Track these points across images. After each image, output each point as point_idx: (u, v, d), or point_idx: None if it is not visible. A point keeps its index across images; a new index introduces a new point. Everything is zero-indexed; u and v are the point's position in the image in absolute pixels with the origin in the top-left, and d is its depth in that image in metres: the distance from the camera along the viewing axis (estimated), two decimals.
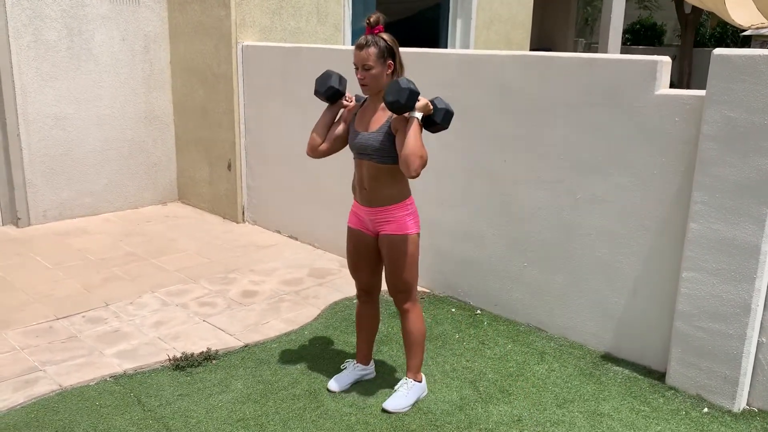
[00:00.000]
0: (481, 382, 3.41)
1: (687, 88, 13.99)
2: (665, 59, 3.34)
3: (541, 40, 12.05)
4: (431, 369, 3.49)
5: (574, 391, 3.34)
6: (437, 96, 2.99)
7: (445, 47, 7.87)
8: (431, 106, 2.88)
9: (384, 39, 2.89)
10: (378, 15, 2.91)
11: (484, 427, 3.02)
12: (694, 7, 15.85)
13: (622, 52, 12.84)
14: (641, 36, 21.01)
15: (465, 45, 7.84)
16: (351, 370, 3.38)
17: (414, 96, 2.76)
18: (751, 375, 3.21)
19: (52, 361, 3.52)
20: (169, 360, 3.54)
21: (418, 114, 2.82)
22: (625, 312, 3.62)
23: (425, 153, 2.81)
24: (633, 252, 3.54)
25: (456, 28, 7.80)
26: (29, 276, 4.69)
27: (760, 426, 3.08)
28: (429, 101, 2.88)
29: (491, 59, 4.00)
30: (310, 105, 5.26)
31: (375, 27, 2.90)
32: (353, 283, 4.64)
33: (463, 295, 4.39)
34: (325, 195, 5.27)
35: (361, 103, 3.12)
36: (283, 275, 4.83)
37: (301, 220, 5.56)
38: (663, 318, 3.47)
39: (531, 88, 3.82)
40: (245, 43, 5.69)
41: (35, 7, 5.56)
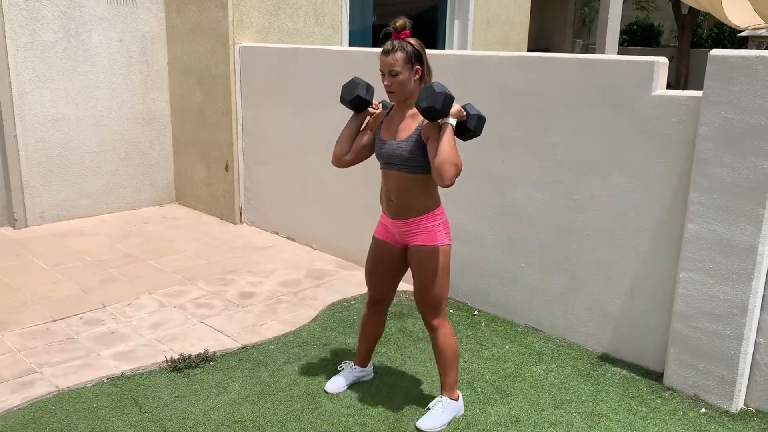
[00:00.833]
0: (479, 382, 3.41)
1: (684, 88, 14.02)
2: (662, 60, 3.34)
3: (539, 40, 12.06)
4: (429, 370, 3.49)
5: (571, 392, 3.34)
6: (468, 102, 2.89)
7: (443, 48, 7.87)
8: (464, 112, 2.77)
9: (411, 44, 2.78)
10: (404, 20, 2.80)
11: (481, 428, 3.02)
12: (691, 8, 15.88)
13: (619, 53, 12.86)
14: (638, 37, 21.04)
15: (462, 46, 7.85)
16: (348, 371, 3.36)
17: (450, 101, 2.65)
18: (749, 375, 3.22)
19: (49, 363, 3.51)
20: (167, 361, 3.53)
21: (452, 120, 2.71)
22: (623, 313, 3.62)
23: (460, 161, 2.69)
24: (630, 253, 3.54)
25: (453, 29, 7.80)
26: (26, 277, 4.68)
27: (757, 426, 3.09)
28: (461, 107, 2.77)
29: (489, 60, 4.00)
30: (307, 106, 5.27)
31: (401, 32, 2.79)
32: (351, 285, 4.67)
33: (461, 296, 4.39)
34: (323, 196, 5.27)
35: (388, 111, 3.01)
36: (281, 276, 4.83)
37: (299, 221, 5.55)
38: (660, 318, 3.47)
39: (529, 89, 3.82)
40: (243, 44, 5.69)
41: (32, 8, 5.55)
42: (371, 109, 3.02)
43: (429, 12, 7.89)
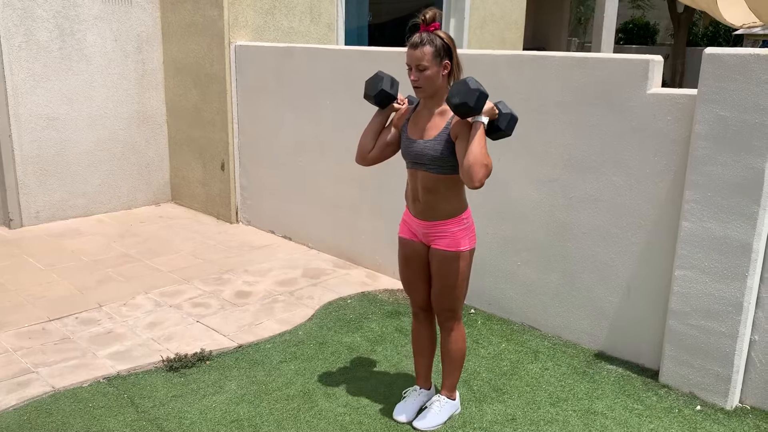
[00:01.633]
0: (475, 381, 3.41)
1: (680, 87, 14.04)
2: (657, 58, 3.35)
3: (535, 39, 12.07)
4: None
5: (567, 390, 3.35)
6: (500, 99, 2.78)
7: None
8: (496, 110, 2.63)
9: (440, 37, 2.62)
10: (435, 11, 2.62)
11: (478, 426, 3.03)
12: (686, 7, 15.90)
13: (615, 51, 12.88)
14: (634, 35, 21.08)
15: (458, 45, 7.83)
16: (416, 396, 3.11)
17: (483, 98, 2.52)
18: (744, 372, 3.23)
19: (45, 363, 3.51)
20: (163, 361, 3.53)
21: (484, 119, 2.58)
22: (619, 310, 3.63)
23: (490, 162, 2.55)
24: (626, 251, 3.55)
25: (449, 27, 7.80)
26: (22, 277, 4.67)
27: (752, 423, 3.10)
28: (494, 104, 2.64)
29: (484, 59, 4.01)
30: (303, 105, 5.26)
31: (431, 24, 2.63)
32: (347, 284, 4.67)
33: None
34: (320, 195, 5.27)
35: (414, 106, 2.86)
36: (277, 276, 4.82)
37: (295, 220, 5.55)
38: (656, 316, 3.48)
39: (524, 87, 3.82)
40: (238, 43, 5.68)
41: (26, 7, 5.53)
42: (396, 104, 2.88)
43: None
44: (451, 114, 2.68)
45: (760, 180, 2.96)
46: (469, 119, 2.61)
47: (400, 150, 2.88)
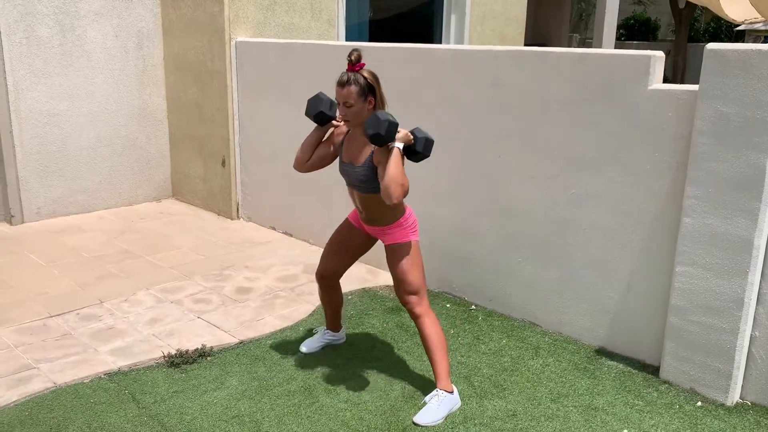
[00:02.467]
0: (476, 377, 3.42)
1: (681, 83, 14.01)
2: (658, 54, 3.34)
3: (536, 35, 12.05)
4: (426, 365, 3.49)
5: (568, 386, 3.35)
6: (417, 126, 3.07)
7: (440, 43, 7.86)
8: (411, 135, 2.93)
9: (364, 76, 2.95)
10: (358, 51, 2.95)
11: (478, 422, 3.03)
12: (688, 3, 15.87)
13: (616, 47, 12.85)
14: (635, 31, 21.05)
15: (459, 41, 7.83)
16: (321, 335, 3.67)
17: (393, 127, 2.82)
18: (744, 369, 3.23)
19: (46, 359, 3.51)
20: (164, 357, 3.53)
21: (399, 144, 2.88)
22: (620, 307, 3.63)
23: (407, 182, 2.86)
24: (627, 247, 3.54)
25: (450, 23, 7.79)
26: (23, 274, 4.68)
27: (753, 419, 3.10)
28: (409, 131, 2.93)
29: (485, 54, 4.00)
30: (303, 101, 5.25)
31: (356, 64, 2.96)
32: (348, 280, 4.65)
33: (458, 291, 4.40)
34: (320, 191, 5.27)
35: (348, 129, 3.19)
36: (278, 272, 4.83)
37: (296, 216, 5.55)
38: (657, 312, 3.48)
39: (525, 83, 3.82)
40: (239, 39, 5.68)
41: (27, 3, 5.52)
42: (335, 123, 3.22)
43: (425, 7, 7.87)
44: None
45: (761, 176, 2.95)
46: (388, 145, 2.88)
47: (332, 161, 3.27)
